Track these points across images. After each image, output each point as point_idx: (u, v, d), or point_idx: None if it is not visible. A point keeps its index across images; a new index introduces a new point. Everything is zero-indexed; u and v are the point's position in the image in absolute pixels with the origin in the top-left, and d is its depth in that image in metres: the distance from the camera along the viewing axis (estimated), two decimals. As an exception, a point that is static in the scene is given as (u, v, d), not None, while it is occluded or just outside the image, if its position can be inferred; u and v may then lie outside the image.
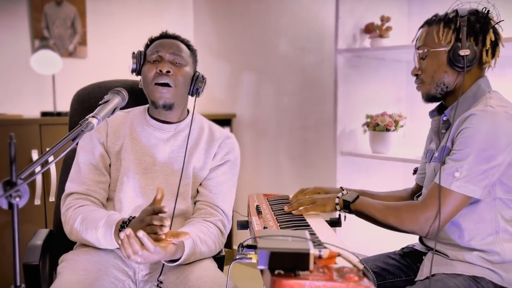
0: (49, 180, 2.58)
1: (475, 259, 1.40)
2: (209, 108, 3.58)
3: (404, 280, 1.58)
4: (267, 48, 3.25)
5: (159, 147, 1.61)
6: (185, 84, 1.59)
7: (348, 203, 1.49)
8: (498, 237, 1.40)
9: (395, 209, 1.44)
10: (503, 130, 1.35)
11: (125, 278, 1.50)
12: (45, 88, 3.00)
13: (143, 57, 1.60)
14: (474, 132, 1.35)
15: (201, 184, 1.64)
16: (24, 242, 1.26)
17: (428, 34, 1.50)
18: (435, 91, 1.50)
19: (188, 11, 3.73)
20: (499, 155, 1.35)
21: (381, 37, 2.41)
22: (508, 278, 1.39)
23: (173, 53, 1.58)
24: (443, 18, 1.48)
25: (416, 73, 1.55)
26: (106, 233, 1.41)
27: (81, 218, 1.46)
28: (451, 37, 1.45)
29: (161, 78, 1.54)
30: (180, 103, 1.61)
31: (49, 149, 1.08)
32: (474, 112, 1.38)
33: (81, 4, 3.17)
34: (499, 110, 1.37)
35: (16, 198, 0.89)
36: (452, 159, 1.38)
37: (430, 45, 1.49)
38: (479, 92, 1.46)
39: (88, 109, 1.73)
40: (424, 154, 1.70)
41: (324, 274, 0.89)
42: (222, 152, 1.66)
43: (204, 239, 1.49)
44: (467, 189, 1.35)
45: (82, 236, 1.47)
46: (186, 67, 1.60)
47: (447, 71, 1.47)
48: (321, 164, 2.97)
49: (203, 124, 1.72)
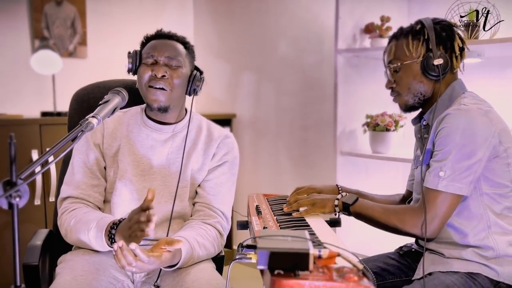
0: (49, 180, 2.58)
1: (471, 256, 1.42)
2: (209, 108, 3.58)
3: (404, 280, 1.59)
4: (267, 48, 3.25)
5: (156, 149, 1.60)
6: (182, 85, 1.58)
7: (348, 205, 1.50)
8: (490, 231, 1.42)
9: (395, 212, 1.45)
10: (478, 125, 1.38)
11: (123, 278, 1.49)
12: (45, 88, 3.00)
13: (139, 57, 1.58)
14: (451, 130, 1.38)
15: (200, 186, 1.63)
16: (24, 242, 1.26)
17: (398, 48, 1.54)
18: (413, 101, 1.55)
19: (188, 11, 3.73)
20: (479, 150, 1.38)
21: (381, 37, 2.41)
22: (503, 272, 1.40)
23: (168, 56, 1.55)
24: (410, 30, 1.53)
25: (390, 86, 1.58)
26: (97, 235, 1.41)
27: (74, 221, 1.47)
28: (421, 48, 1.50)
29: (156, 83, 1.53)
30: (176, 104, 1.60)
31: (49, 149, 1.08)
32: (449, 112, 1.42)
33: (81, 4, 3.17)
34: (473, 107, 1.42)
35: (16, 198, 0.89)
36: (435, 160, 1.41)
37: (402, 58, 1.52)
38: (454, 94, 1.50)
39: (88, 109, 1.72)
40: (413, 160, 1.72)
41: (323, 274, 0.89)
42: (220, 153, 1.64)
43: (203, 242, 1.48)
44: (454, 187, 1.37)
45: (75, 238, 1.47)
46: (182, 69, 1.57)
47: (422, 81, 1.51)
48: (321, 164, 2.97)
49: (201, 123, 1.70)
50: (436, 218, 1.38)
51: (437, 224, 1.39)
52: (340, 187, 1.72)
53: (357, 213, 1.50)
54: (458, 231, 1.44)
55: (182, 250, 1.38)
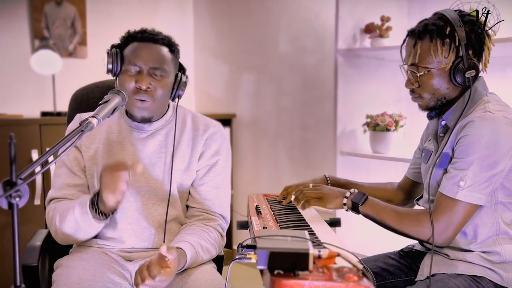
0: (49, 180, 2.57)
1: (476, 259, 1.40)
2: (209, 108, 3.58)
3: (404, 280, 1.58)
4: (267, 48, 3.24)
5: (138, 148, 1.53)
6: (166, 94, 1.50)
7: (357, 205, 1.45)
8: (498, 238, 1.40)
9: (408, 218, 1.41)
10: (503, 136, 1.34)
11: (122, 281, 1.46)
12: (45, 88, 3.01)
13: (119, 59, 1.48)
14: (475, 139, 1.34)
15: (195, 189, 1.57)
16: (24, 242, 1.26)
17: (423, 51, 1.42)
18: (434, 104, 1.48)
19: (188, 11, 3.73)
20: (501, 161, 1.34)
21: (381, 37, 2.41)
22: (508, 278, 1.39)
23: (152, 67, 1.45)
24: (438, 32, 1.41)
25: (412, 87, 1.49)
26: (82, 210, 1.37)
27: (59, 213, 1.44)
28: (451, 55, 1.40)
29: (140, 95, 1.45)
30: (159, 112, 1.54)
31: (49, 149, 1.08)
32: (472, 118, 1.36)
33: (81, 4, 3.17)
34: (498, 115, 1.36)
35: (16, 198, 0.89)
36: (455, 168, 1.37)
37: (429, 64, 1.42)
38: (476, 95, 1.44)
39: (87, 109, 1.72)
40: (419, 150, 1.69)
41: (323, 274, 0.89)
42: (209, 151, 1.56)
43: (206, 247, 1.46)
44: (473, 198, 1.34)
45: (65, 229, 1.43)
46: (167, 78, 1.48)
47: (449, 87, 1.44)
48: (321, 164, 2.96)
49: (185, 117, 1.61)
50: (451, 226, 1.35)
51: (451, 232, 1.36)
52: (328, 177, 1.71)
53: (367, 214, 1.45)
54: (465, 236, 1.42)
55: (187, 255, 1.37)
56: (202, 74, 3.65)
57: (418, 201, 1.64)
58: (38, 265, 1.47)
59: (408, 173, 1.73)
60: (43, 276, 1.55)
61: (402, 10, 2.57)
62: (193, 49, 3.71)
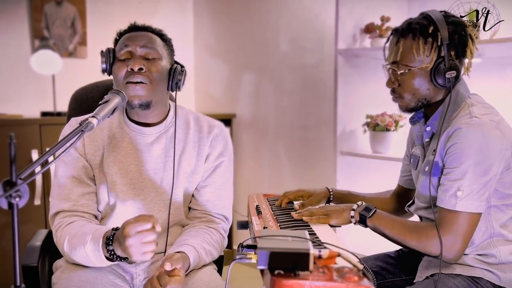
0: (49, 180, 2.57)
1: (472, 262, 1.40)
2: (209, 108, 3.58)
3: (404, 279, 1.58)
4: (267, 48, 3.24)
5: (143, 154, 1.49)
6: (162, 79, 1.44)
7: (365, 218, 1.43)
8: (493, 241, 1.40)
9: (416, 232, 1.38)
10: (493, 140, 1.32)
11: (123, 283, 1.44)
12: (45, 88, 3.01)
13: (112, 55, 1.45)
14: (465, 146, 1.32)
15: (198, 190, 1.55)
16: (24, 242, 1.26)
17: (405, 50, 1.42)
18: (415, 105, 1.46)
19: (188, 11, 3.73)
20: (494, 165, 1.33)
21: (381, 37, 2.41)
22: (505, 278, 1.39)
23: (144, 46, 1.42)
24: (421, 31, 1.40)
25: (392, 86, 1.48)
26: (94, 247, 1.31)
27: (69, 237, 1.37)
28: (433, 54, 1.40)
29: (134, 77, 1.39)
30: (159, 100, 1.46)
31: (49, 149, 1.08)
32: (459, 126, 1.34)
33: (81, 4, 3.17)
34: (485, 119, 1.35)
35: (16, 198, 0.89)
36: (450, 179, 1.34)
37: (410, 63, 1.41)
38: (458, 97, 1.43)
39: (86, 109, 1.72)
40: (407, 156, 1.68)
41: (324, 274, 0.89)
42: (214, 152, 1.54)
43: (209, 249, 1.45)
44: (473, 206, 1.32)
45: (72, 257, 1.38)
46: (161, 61, 1.44)
47: (429, 88, 1.43)
48: (321, 164, 2.96)
49: (188, 118, 1.57)
50: (458, 240, 1.32)
51: (460, 245, 1.33)
52: (331, 189, 1.69)
53: (375, 227, 1.43)
54: None
55: (190, 259, 1.36)
56: (202, 74, 3.65)
57: (409, 207, 1.62)
58: (38, 265, 1.47)
59: (400, 181, 1.73)
60: (43, 276, 1.55)
61: (402, 10, 2.57)
62: (193, 49, 3.71)
